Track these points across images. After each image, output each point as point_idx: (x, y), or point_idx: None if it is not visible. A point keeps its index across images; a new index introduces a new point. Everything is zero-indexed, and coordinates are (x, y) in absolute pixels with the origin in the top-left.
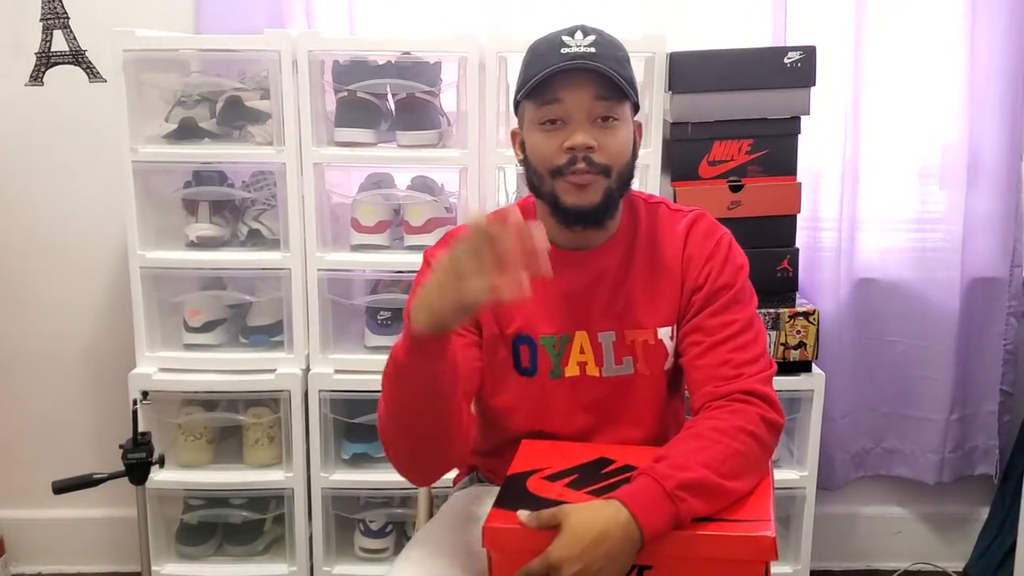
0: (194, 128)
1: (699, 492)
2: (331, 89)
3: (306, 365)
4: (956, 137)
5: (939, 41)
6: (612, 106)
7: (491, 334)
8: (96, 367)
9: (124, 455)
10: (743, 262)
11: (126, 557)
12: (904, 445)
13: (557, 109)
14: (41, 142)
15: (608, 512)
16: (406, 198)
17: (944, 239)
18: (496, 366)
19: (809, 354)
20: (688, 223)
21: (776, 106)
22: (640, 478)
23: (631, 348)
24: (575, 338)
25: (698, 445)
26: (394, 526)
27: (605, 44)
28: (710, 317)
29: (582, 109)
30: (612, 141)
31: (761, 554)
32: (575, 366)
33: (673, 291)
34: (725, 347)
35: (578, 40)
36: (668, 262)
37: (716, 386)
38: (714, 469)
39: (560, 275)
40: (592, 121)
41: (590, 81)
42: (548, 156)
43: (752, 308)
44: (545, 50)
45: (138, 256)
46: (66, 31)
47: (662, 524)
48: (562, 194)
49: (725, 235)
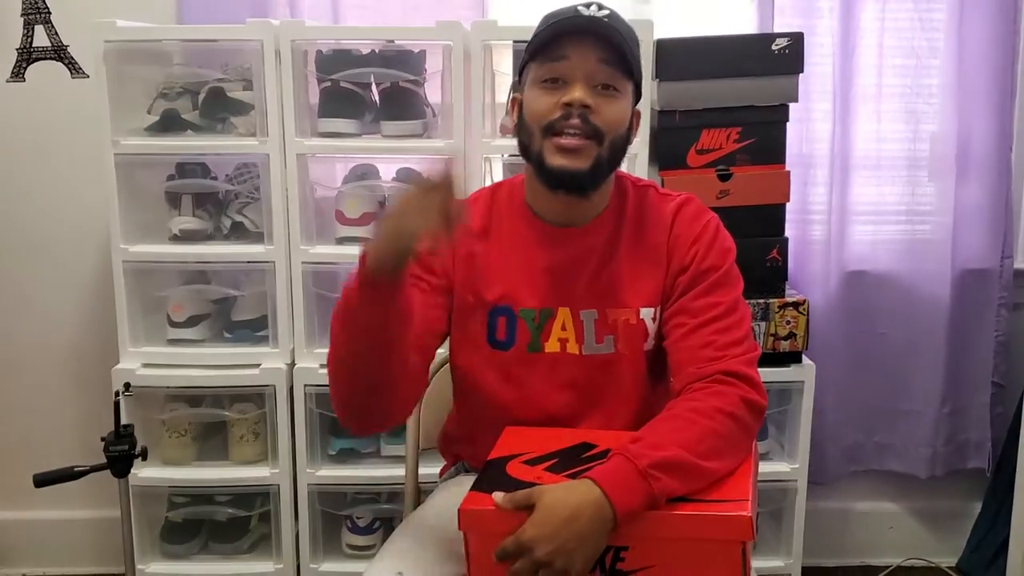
0: (177, 120)
1: (673, 471)
2: (314, 79)
3: (291, 360)
4: (945, 127)
5: (928, 30)
6: (615, 75)
7: (464, 303)
8: (79, 363)
9: (106, 447)
10: (730, 246)
11: (111, 558)
12: (896, 439)
13: (561, 67)
14: (22, 138)
15: (580, 491)
16: (391, 190)
17: (934, 230)
18: (468, 337)
19: (799, 345)
20: (676, 206)
21: (764, 93)
22: (613, 458)
23: (612, 327)
24: (557, 314)
25: (674, 425)
26: (381, 522)
27: (618, 19)
28: (695, 299)
29: (585, 70)
30: (610, 108)
31: (737, 534)
32: (556, 342)
33: (658, 272)
34: (708, 329)
35: (593, 10)
36: (654, 243)
37: (698, 367)
38: (690, 449)
39: (546, 250)
40: (593, 86)
41: (598, 46)
42: (543, 111)
43: (737, 292)
44: (559, 14)
45: (121, 250)
46: (47, 26)
47: (635, 503)
48: (549, 155)
49: (712, 219)
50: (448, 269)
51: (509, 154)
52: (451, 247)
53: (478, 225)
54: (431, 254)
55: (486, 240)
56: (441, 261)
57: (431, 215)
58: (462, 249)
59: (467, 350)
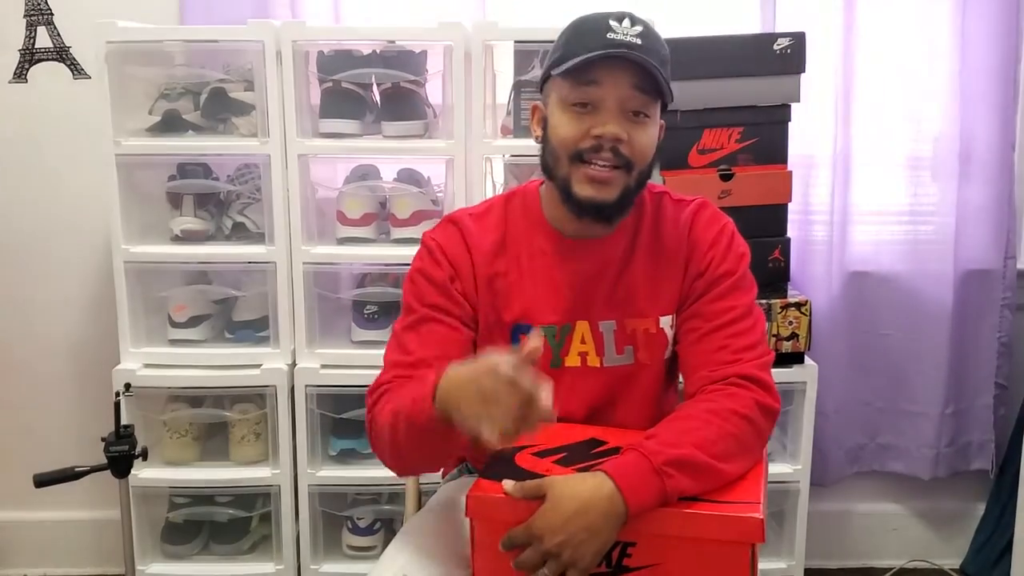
0: (178, 120)
1: (687, 470)
2: (316, 80)
3: (292, 360)
4: (947, 127)
5: (930, 30)
6: (647, 102)
7: (488, 322)
8: (80, 364)
9: (106, 448)
10: (745, 251)
11: (112, 559)
12: (898, 440)
13: (593, 92)
14: (24, 138)
15: (593, 484)
16: (392, 190)
17: (937, 231)
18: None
19: (802, 345)
20: (693, 211)
21: (766, 93)
22: (628, 453)
23: (631, 337)
24: (576, 328)
25: (690, 425)
26: (382, 523)
27: (651, 38)
28: (710, 303)
29: (617, 98)
30: (641, 137)
31: (747, 535)
32: (576, 356)
33: (675, 278)
34: (723, 332)
35: (625, 28)
36: (671, 249)
37: (712, 370)
38: (705, 449)
39: (564, 263)
40: (624, 113)
41: (632, 71)
42: (572, 139)
43: (752, 296)
44: (590, 30)
45: (122, 251)
46: (50, 27)
47: (648, 499)
48: (577, 184)
49: (728, 223)
50: (471, 296)
51: (511, 155)
52: (473, 273)
53: (494, 239)
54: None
55: (503, 255)
56: (463, 287)
57: (512, 409)
58: (483, 271)
59: None
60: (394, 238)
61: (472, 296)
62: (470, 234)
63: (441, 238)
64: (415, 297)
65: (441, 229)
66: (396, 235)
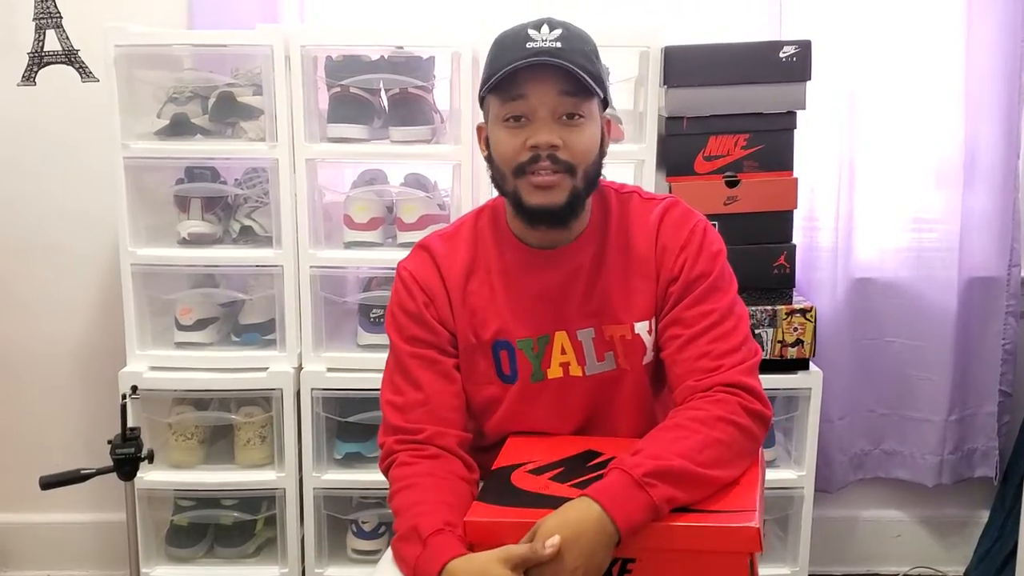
0: (186, 124)
1: (672, 479)
2: (324, 85)
3: (298, 363)
4: (953, 136)
5: (936, 38)
6: (578, 103)
7: (468, 344)
8: (86, 366)
9: (112, 450)
10: (719, 248)
11: (116, 561)
12: (903, 447)
13: (521, 105)
14: (33, 141)
15: (580, 509)
16: (399, 195)
17: (941, 238)
18: (478, 376)
19: (806, 352)
20: (660, 212)
21: (772, 100)
22: (611, 472)
23: (610, 343)
24: (555, 339)
25: (676, 435)
26: (387, 527)
27: (572, 38)
28: (687, 308)
29: (547, 106)
30: (578, 139)
31: (744, 545)
32: (557, 367)
33: (648, 284)
34: (704, 339)
35: (544, 34)
36: (642, 254)
37: (696, 380)
38: (691, 457)
39: (534, 275)
40: (557, 118)
41: (555, 77)
42: (511, 154)
43: (732, 295)
44: (510, 44)
45: (129, 253)
46: (59, 31)
47: (636, 514)
48: (525, 193)
49: (699, 222)
50: (448, 321)
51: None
52: (448, 298)
53: (464, 260)
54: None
55: (475, 275)
56: (438, 314)
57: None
58: (457, 294)
59: (480, 386)
60: (400, 242)
61: (448, 320)
62: (441, 258)
63: (412, 267)
64: (396, 332)
65: (413, 257)
66: (403, 239)
